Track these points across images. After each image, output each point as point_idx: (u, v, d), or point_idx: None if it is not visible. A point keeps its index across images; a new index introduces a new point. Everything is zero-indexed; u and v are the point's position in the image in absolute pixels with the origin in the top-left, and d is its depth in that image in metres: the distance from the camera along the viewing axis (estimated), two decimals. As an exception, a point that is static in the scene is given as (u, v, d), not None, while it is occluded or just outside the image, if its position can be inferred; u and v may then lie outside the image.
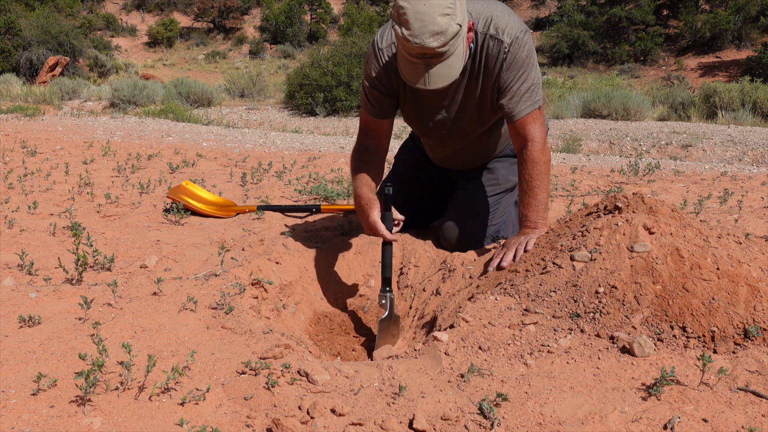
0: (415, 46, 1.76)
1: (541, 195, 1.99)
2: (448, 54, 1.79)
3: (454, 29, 1.75)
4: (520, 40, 1.97)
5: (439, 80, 1.83)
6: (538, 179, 1.99)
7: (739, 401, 1.19)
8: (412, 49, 1.77)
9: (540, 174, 1.99)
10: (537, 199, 1.99)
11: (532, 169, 1.99)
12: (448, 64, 1.81)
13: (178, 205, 2.79)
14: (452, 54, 1.80)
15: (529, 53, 1.99)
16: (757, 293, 1.42)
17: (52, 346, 1.45)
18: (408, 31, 1.75)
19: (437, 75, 1.82)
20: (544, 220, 2.00)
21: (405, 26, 1.75)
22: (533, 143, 2.00)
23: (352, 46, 13.35)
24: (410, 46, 1.77)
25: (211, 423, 1.17)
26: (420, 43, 1.74)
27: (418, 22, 1.73)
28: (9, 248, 2.25)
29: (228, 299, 1.74)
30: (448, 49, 1.78)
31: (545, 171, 2.00)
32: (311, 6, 34.13)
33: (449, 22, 1.74)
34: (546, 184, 2.01)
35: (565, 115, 11.28)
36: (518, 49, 1.97)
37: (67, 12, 29.06)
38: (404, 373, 1.37)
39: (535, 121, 2.01)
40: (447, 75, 1.83)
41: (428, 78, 1.82)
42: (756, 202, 3.16)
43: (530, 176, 2.00)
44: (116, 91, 12.82)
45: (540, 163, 1.99)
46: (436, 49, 1.76)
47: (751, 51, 23.79)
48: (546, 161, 2.01)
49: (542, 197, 2.00)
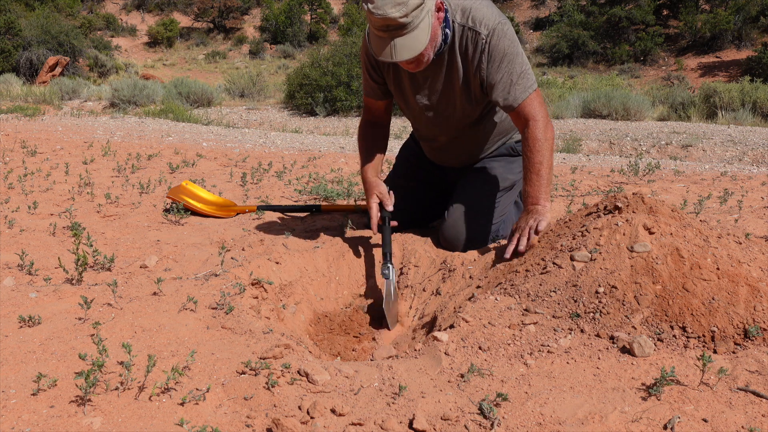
0: (378, 18, 1.82)
1: (544, 171, 2.00)
2: (411, 26, 1.84)
3: (416, 1, 1.81)
4: (498, 31, 1.99)
5: (405, 52, 1.88)
6: (539, 155, 2.00)
7: (739, 401, 1.19)
8: (377, 21, 1.84)
9: (541, 150, 2.00)
10: (540, 176, 2.00)
11: (533, 145, 2.01)
12: (412, 36, 1.86)
13: (178, 205, 2.79)
14: (416, 27, 1.85)
15: (511, 42, 2.01)
16: (757, 293, 1.42)
17: (52, 346, 1.45)
18: (372, 4, 1.82)
19: (403, 47, 1.87)
20: (547, 195, 2.00)
21: (370, 1, 1.83)
22: (535, 122, 2.02)
23: (352, 46, 13.34)
24: (374, 19, 1.83)
25: (211, 423, 1.17)
26: (382, 14, 1.81)
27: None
28: (9, 248, 2.25)
29: (228, 299, 1.74)
30: (411, 21, 1.83)
31: (547, 147, 2.01)
32: (311, 6, 34.13)
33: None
34: (548, 161, 2.01)
35: (565, 115, 11.27)
36: (498, 41, 2.00)
37: (67, 12, 29.06)
38: (404, 373, 1.37)
39: (533, 102, 2.03)
40: (412, 47, 1.88)
41: (394, 50, 1.87)
42: (756, 202, 3.16)
43: (532, 153, 2.01)
44: (116, 91, 12.82)
45: (541, 140, 2.00)
46: (398, 19, 1.81)
47: (751, 51, 23.79)
48: (548, 138, 2.01)
49: (544, 173, 2.00)
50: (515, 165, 2.41)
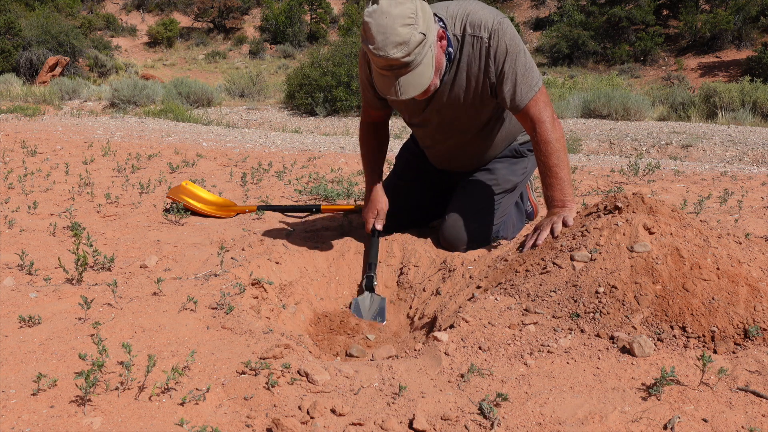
0: (380, 59, 1.79)
1: (562, 173, 1.98)
2: (414, 64, 1.81)
3: (417, 38, 1.77)
4: (498, 31, 1.97)
5: (410, 90, 1.85)
6: (554, 157, 1.98)
7: (739, 401, 1.19)
8: (379, 62, 1.80)
9: (555, 152, 1.98)
10: (558, 178, 1.98)
11: (545, 148, 1.99)
12: (417, 73, 1.83)
13: (178, 205, 2.79)
14: (420, 63, 1.82)
15: (512, 39, 1.99)
16: (757, 293, 1.42)
17: (52, 346, 1.45)
18: (372, 45, 1.78)
19: (407, 84, 1.84)
20: (571, 196, 1.98)
21: (370, 41, 1.79)
22: (542, 124, 2.00)
23: (352, 46, 13.34)
24: (377, 60, 1.80)
25: (211, 423, 1.17)
26: (384, 55, 1.77)
27: (381, 35, 1.76)
28: (9, 248, 2.25)
29: (228, 299, 1.74)
30: (414, 59, 1.80)
31: (560, 148, 2.00)
32: (311, 6, 34.12)
33: (411, 32, 1.76)
34: (564, 161, 2.00)
35: (565, 115, 11.27)
36: (499, 40, 1.98)
37: (67, 12, 29.05)
38: (404, 373, 1.37)
39: (538, 102, 2.01)
40: (417, 84, 1.85)
41: (399, 88, 1.84)
42: (756, 202, 3.16)
43: (546, 156, 1.99)
44: (116, 91, 12.82)
45: (552, 141, 1.99)
46: (401, 60, 1.78)
47: (751, 51, 23.78)
48: (558, 138, 2.00)
49: (563, 175, 1.98)
50: (518, 167, 2.40)
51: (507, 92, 2.01)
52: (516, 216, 2.47)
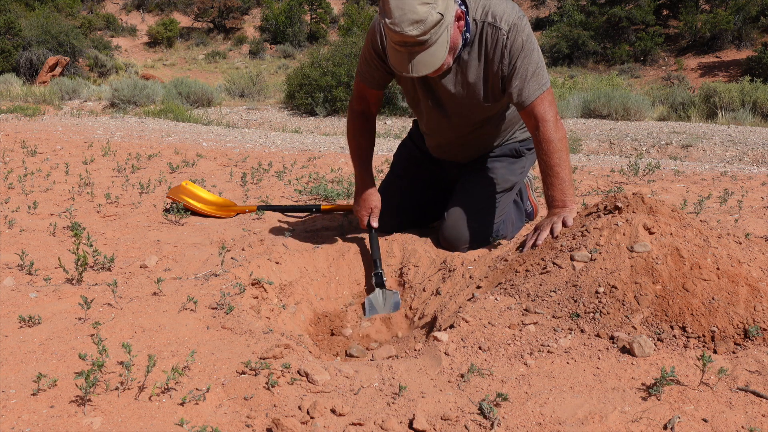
0: (396, 35, 1.80)
1: (563, 173, 1.99)
2: (429, 42, 1.83)
3: (435, 18, 1.78)
4: (518, 27, 1.99)
5: (422, 68, 1.87)
6: (556, 157, 1.99)
7: (739, 401, 1.19)
8: (394, 37, 1.82)
9: (557, 151, 1.99)
10: (560, 178, 1.99)
11: (547, 148, 2.00)
12: (430, 52, 1.85)
13: (178, 205, 2.79)
14: (434, 42, 1.84)
15: (528, 37, 2.01)
16: (757, 293, 1.42)
17: (52, 346, 1.45)
18: (389, 19, 1.80)
19: (420, 63, 1.85)
20: (572, 197, 1.99)
21: (387, 15, 1.81)
22: (545, 123, 2.01)
23: (352, 46, 13.33)
24: (392, 35, 1.82)
25: (211, 423, 1.17)
26: (400, 32, 1.79)
27: (399, 11, 1.78)
28: (9, 248, 2.25)
29: (228, 299, 1.74)
30: (429, 38, 1.81)
31: (562, 148, 2.00)
32: (311, 6, 34.11)
33: (429, 11, 1.77)
34: (565, 161, 2.00)
35: (565, 115, 11.27)
36: (516, 35, 1.99)
37: (67, 12, 29.04)
38: (404, 373, 1.37)
39: (543, 101, 2.02)
40: (430, 63, 1.86)
41: (412, 66, 1.86)
42: (756, 202, 3.16)
43: (547, 156, 2.00)
44: (116, 91, 12.81)
45: (555, 141, 1.99)
46: (417, 38, 1.80)
47: (751, 51, 23.77)
48: (561, 138, 2.01)
49: (564, 175, 1.99)
50: (517, 166, 2.41)
51: (516, 87, 2.03)
52: (516, 215, 2.47)
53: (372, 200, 2.33)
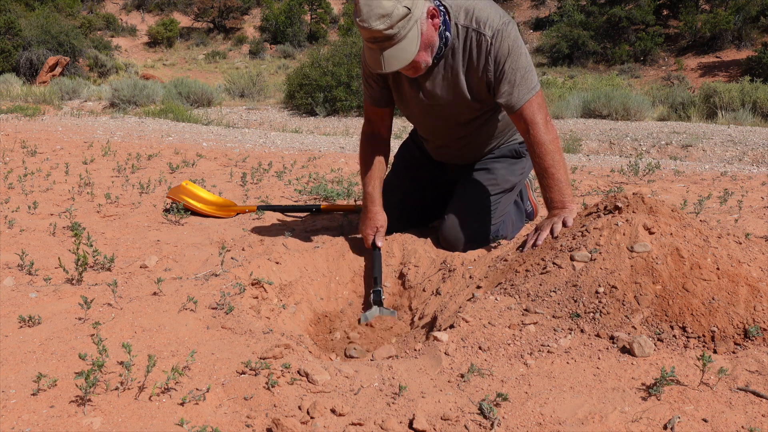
0: (365, 30, 1.84)
1: (558, 173, 1.99)
2: (398, 37, 1.85)
3: (401, 12, 1.81)
4: (502, 32, 1.99)
5: (394, 63, 1.89)
6: (549, 159, 1.99)
7: (739, 401, 1.19)
8: (364, 34, 1.86)
9: (549, 153, 1.99)
10: (555, 179, 1.99)
11: (540, 151, 2.00)
12: (400, 47, 1.87)
13: (178, 205, 2.79)
14: (404, 37, 1.86)
15: (514, 41, 2.01)
16: (757, 293, 1.42)
17: (52, 346, 1.45)
18: (359, 17, 1.84)
19: (392, 58, 1.88)
20: (571, 197, 1.98)
21: (357, 13, 1.85)
22: (535, 126, 2.01)
23: (352, 46, 13.33)
24: (363, 31, 1.86)
25: (211, 423, 1.17)
26: (368, 27, 1.82)
27: (366, 7, 1.82)
28: (9, 248, 2.25)
29: (228, 299, 1.74)
30: (398, 32, 1.84)
31: (554, 149, 2.00)
32: (311, 6, 34.12)
33: (395, 5, 1.81)
34: (560, 162, 2.00)
35: (565, 115, 11.27)
36: (502, 41, 1.99)
37: (67, 12, 29.04)
38: (404, 373, 1.37)
39: (532, 105, 2.02)
40: (401, 58, 1.89)
41: (383, 61, 1.89)
42: (756, 202, 3.16)
43: (540, 158, 2.00)
44: (116, 91, 12.81)
45: (546, 143, 1.99)
46: (383, 32, 1.83)
47: (751, 51, 23.77)
48: (552, 140, 2.01)
49: (560, 176, 1.99)
50: (517, 167, 2.41)
51: (504, 92, 2.03)
52: (515, 215, 2.48)
53: (378, 219, 2.30)
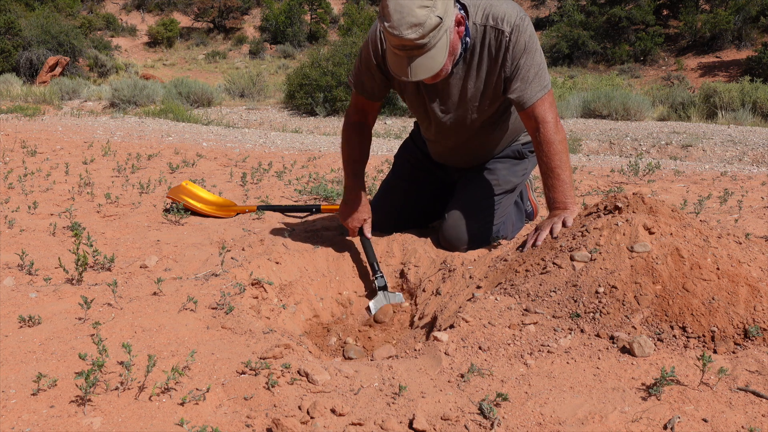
0: (394, 38, 1.79)
1: (564, 174, 1.98)
2: (428, 46, 1.81)
3: (433, 21, 1.77)
4: (520, 27, 1.98)
5: (421, 72, 1.85)
6: (557, 159, 1.99)
7: (739, 401, 1.19)
8: (393, 41, 1.81)
9: (557, 153, 1.99)
10: (560, 179, 1.98)
11: (548, 150, 1.99)
12: (429, 56, 1.83)
13: (178, 205, 2.79)
14: (434, 46, 1.82)
15: (530, 37, 2.00)
16: (757, 293, 1.42)
17: (52, 346, 1.45)
18: (388, 23, 1.79)
19: (419, 66, 1.84)
20: (573, 198, 1.98)
21: (386, 18, 1.79)
22: (545, 124, 2.00)
23: (352, 46, 13.33)
24: (391, 38, 1.80)
25: (211, 423, 1.17)
26: (398, 35, 1.77)
27: (398, 14, 1.76)
28: (9, 248, 2.25)
29: (228, 299, 1.74)
30: (428, 42, 1.80)
31: (562, 150, 2.00)
32: (311, 6, 34.12)
33: (428, 14, 1.76)
34: (566, 163, 2.00)
35: (565, 115, 11.27)
36: (519, 36, 1.98)
37: (67, 12, 29.03)
38: (404, 373, 1.37)
39: (544, 103, 2.01)
40: (429, 67, 1.85)
41: (411, 70, 1.85)
42: (756, 202, 3.16)
43: (548, 157, 2.00)
44: (116, 91, 12.81)
45: (555, 143, 1.99)
46: (415, 41, 1.78)
47: (751, 51, 23.77)
48: (561, 140, 2.00)
49: (565, 176, 1.98)
50: (519, 168, 2.40)
51: (517, 88, 2.02)
52: (516, 216, 2.47)
53: (364, 212, 2.30)
